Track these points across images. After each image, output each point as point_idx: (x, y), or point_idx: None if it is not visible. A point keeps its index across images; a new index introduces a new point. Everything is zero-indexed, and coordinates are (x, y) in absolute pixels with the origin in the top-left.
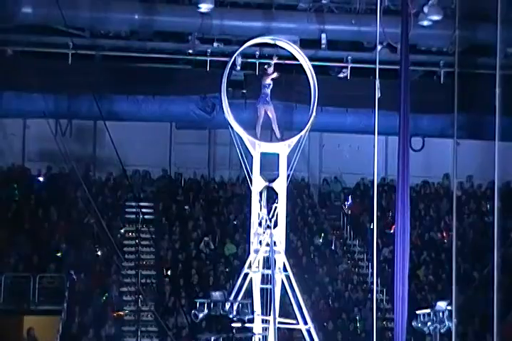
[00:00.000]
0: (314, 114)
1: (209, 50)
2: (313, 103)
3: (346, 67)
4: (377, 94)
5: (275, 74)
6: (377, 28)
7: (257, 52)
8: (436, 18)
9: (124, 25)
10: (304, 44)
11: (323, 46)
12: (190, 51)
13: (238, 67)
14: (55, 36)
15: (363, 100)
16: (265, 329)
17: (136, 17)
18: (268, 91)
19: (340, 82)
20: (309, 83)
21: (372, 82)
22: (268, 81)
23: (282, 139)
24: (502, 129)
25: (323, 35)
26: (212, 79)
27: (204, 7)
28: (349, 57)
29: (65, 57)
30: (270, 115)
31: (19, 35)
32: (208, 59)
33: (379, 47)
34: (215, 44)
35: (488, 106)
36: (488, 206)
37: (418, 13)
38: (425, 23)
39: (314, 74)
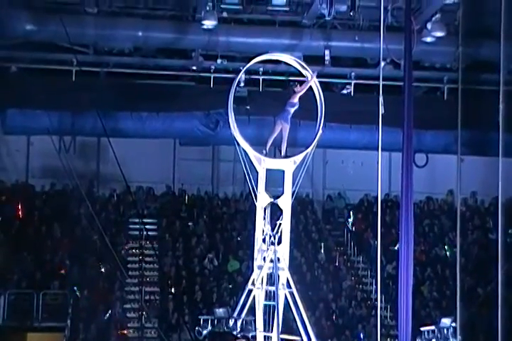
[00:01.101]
0: (321, 131)
1: (213, 67)
2: (320, 120)
3: (350, 84)
4: (381, 110)
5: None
6: (381, 45)
7: (261, 69)
8: (439, 34)
9: (128, 42)
10: (308, 60)
11: (326, 62)
12: (194, 68)
13: (242, 84)
14: (59, 53)
15: (367, 116)
16: None
17: (140, 34)
18: (292, 110)
19: (344, 98)
20: (314, 99)
21: (376, 98)
22: (296, 99)
23: (288, 156)
24: (505, 145)
25: (327, 52)
26: (216, 96)
27: (208, 24)
28: (353, 74)
29: (69, 74)
30: (284, 134)
31: (23, 52)
32: (212, 75)
33: (382, 63)
34: (219, 60)
35: (491, 122)
36: (491, 222)
37: (421, 30)
38: (428, 39)
39: (321, 92)
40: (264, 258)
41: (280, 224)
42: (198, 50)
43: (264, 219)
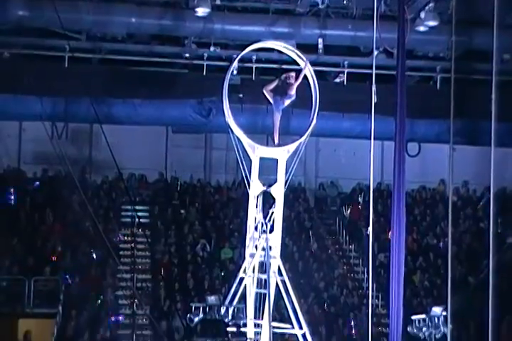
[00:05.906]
0: (315, 121)
1: (206, 54)
2: (315, 109)
3: (343, 72)
4: (374, 99)
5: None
6: (374, 33)
7: (254, 57)
8: (432, 23)
9: (121, 29)
10: (301, 48)
11: (320, 51)
12: (187, 55)
13: (235, 72)
14: (52, 39)
15: (360, 105)
16: (257, 333)
17: (133, 20)
18: (287, 102)
19: (337, 87)
20: (309, 88)
21: (369, 87)
22: (293, 92)
23: (281, 144)
24: (498, 135)
25: (320, 40)
26: (209, 84)
27: (201, 11)
28: (346, 62)
29: (61, 60)
30: (276, 122)
31: (16, 38)
32: (205, 63)
33: (376, 52)
34: (212, 48)
35: (484, 112)
36: (483, 211)
37: (415, 19)
38: (422, 28)
39: (316, 81)
40: (256, 246)
41: (272, 212)
42: (191, 37)
43: (257, 207)
